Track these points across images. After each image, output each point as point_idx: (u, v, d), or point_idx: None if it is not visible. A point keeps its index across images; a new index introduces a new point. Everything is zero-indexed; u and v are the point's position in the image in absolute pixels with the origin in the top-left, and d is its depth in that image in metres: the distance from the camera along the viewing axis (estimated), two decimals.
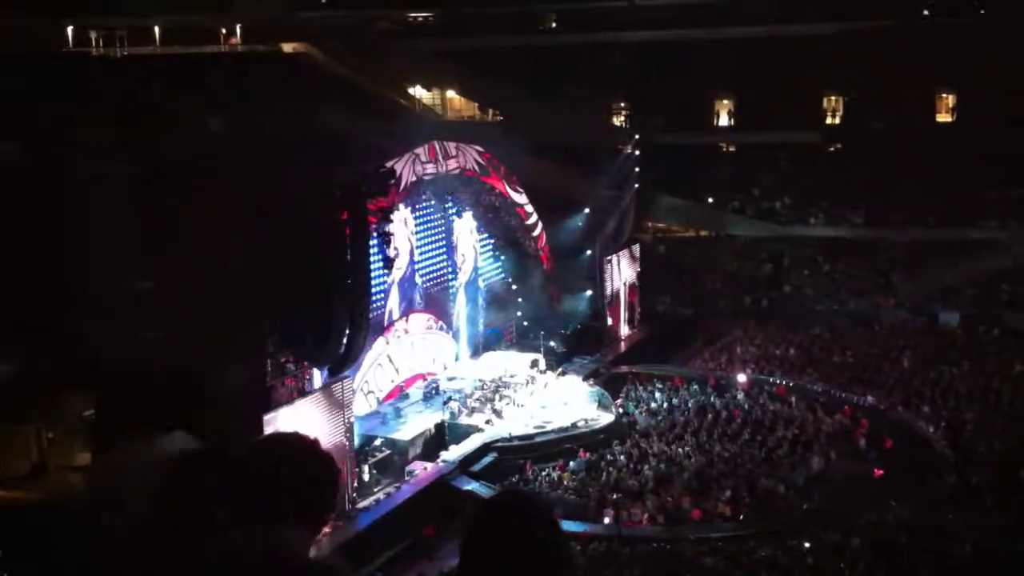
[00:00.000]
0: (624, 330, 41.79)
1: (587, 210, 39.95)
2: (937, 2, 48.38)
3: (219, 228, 22.27)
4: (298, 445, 2.97)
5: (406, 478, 27.26)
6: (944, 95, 51.37)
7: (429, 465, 28.09)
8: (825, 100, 52.64)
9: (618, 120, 53.68)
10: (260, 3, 49.11)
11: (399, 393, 32.55)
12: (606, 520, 25.29)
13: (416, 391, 32.78)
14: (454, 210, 35.66)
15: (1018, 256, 43.96)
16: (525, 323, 38.88)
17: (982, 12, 47.47)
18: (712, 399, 33.79)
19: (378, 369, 31.78)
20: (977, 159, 46.43)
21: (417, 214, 33.69)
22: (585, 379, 35.31)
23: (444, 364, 35.29)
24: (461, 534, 2.81)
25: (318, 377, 25.83)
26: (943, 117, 51.55)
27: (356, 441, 26.86)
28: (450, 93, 53.65)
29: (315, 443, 3.02)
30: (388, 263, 29.01)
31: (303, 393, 24.83)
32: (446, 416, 30.21)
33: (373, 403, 31.20)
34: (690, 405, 33.36)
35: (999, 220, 46.43)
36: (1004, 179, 47.10)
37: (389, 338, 32.49)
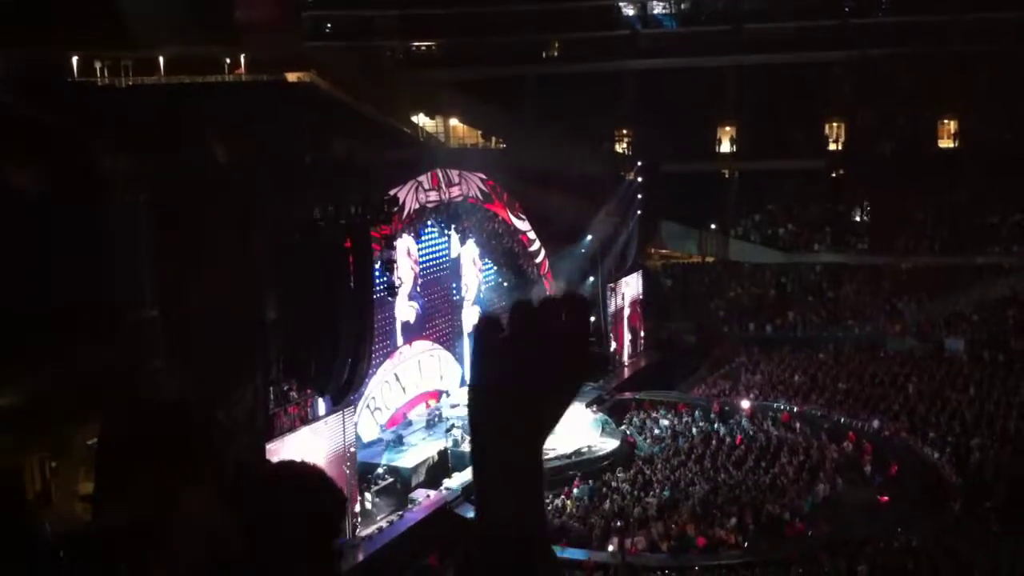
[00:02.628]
0: (628, 357, 41.74)
1: (590, 237, 40.02)
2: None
3: (225, 256, 22.31)
4: (305, 475, 2.95)
5: (409, 506, 27.16)
6: (946, 121, 51.52)
7: (432, 493, 27.98)
8: (827, 126, 52.83)
9: (621, 147, 53.86)
10: (266, 33, 49.49)
11: (402, 420, 32.50)
12: (610, 548, 25.15)
13: (419, 418, 32.72)
14: (457, 237, 35.74)
15: (1023, 281, 43.97)
16: None
17: None
18: (717, 426, 33.69)
19: (385, 386, 31.74)
20: (981, 185, 46.60)
21: (420, 242, 33.77)
22: (588, 406, 35.20)
23: (449, 388, 35.21)
24: (457, 561, 2.79)
25: (322, 405, 25.80)
26: (945, 143, 51.68)
27: (358, 468, 26.76)
28: (453, 121, 53.91)
29: (322, 473, 3.00)
30: (391, 290, 29.09)
31: (306, 421, 24.80)
32: (449, 443, 30.10)
33: (380, 419, 31.14)
34: (694, 432, 33.26)
35: (1004, 246, 46.45)
36: (1008, 205, 47.20)
37: (395, 361, 32.50)
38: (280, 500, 2.86)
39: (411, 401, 33.23)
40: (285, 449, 22.98)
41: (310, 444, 24.06)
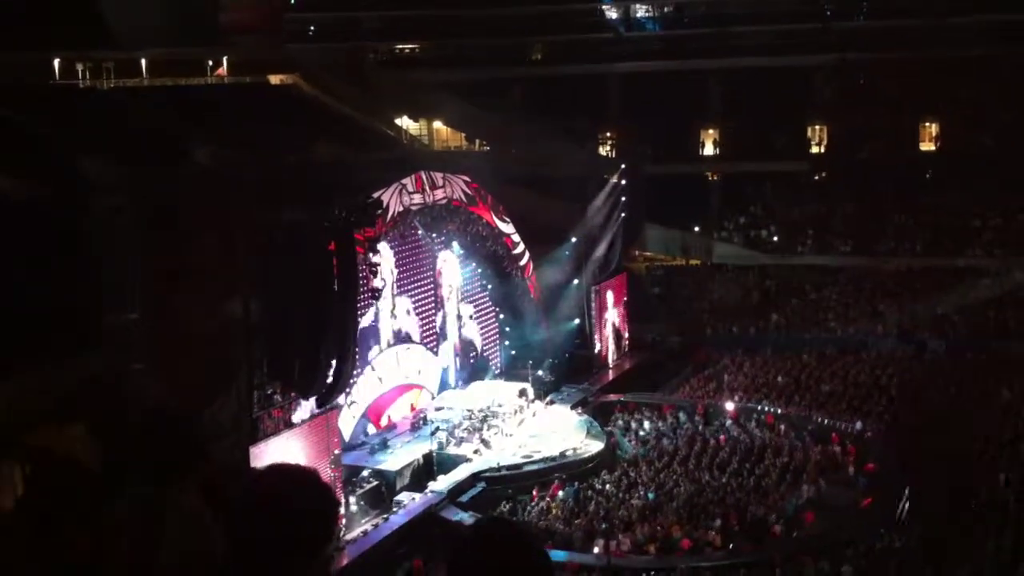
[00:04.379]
0: (612, 359, 41.79)
1: (575, 239, 40.07)
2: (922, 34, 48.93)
3: (209, 259, 22.23)
4: (298, 477, 2.95)
5: (394, 509, 27.10)
6: (928, 124, 51.84)
7: (417, 496, 27.93)
8: (810, 130, 53.07)
9: (605, 150, 53.95)
10: (248, 35, 49.36)
11: (382, 418, 32.41)
12: (595, 550, 25.14)
13: (404, 421, 32.67)
14: (440, 241, 35.69)
15: (1004, 283, 44.25)
16: (513, 352, 38.83)
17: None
18: (701, 427, 33.75)
19: (361, 379, 31.60)
20: (962, 188, 46.91)
21: (402, 245, 33.67)
22: (573, 408, 35.25)
23: (427, 383, 35.10)
24: (445, 564, 2.79)
25: (306, 407, 25.71)
26: (927, 146, 52.01)
27: (343, 472, 26.69)
28: (437, 124, 53.85)
29: (316, 475, 3.00)
30: (375, 293, 29.03)
31: (290, 424, 24.71)
32: (434, 446, 30.07)
33: (355, 413, 31.01)
34: (679, 434, 33.31)
35: (985, 248, 46.74)
36: (989, 207, 47.52)
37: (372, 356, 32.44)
38: (275, 501, 2.86)
39: (389, 394, 33.07)
40: (269, 452, 22.90)
41: (294, 447, 23.99)
